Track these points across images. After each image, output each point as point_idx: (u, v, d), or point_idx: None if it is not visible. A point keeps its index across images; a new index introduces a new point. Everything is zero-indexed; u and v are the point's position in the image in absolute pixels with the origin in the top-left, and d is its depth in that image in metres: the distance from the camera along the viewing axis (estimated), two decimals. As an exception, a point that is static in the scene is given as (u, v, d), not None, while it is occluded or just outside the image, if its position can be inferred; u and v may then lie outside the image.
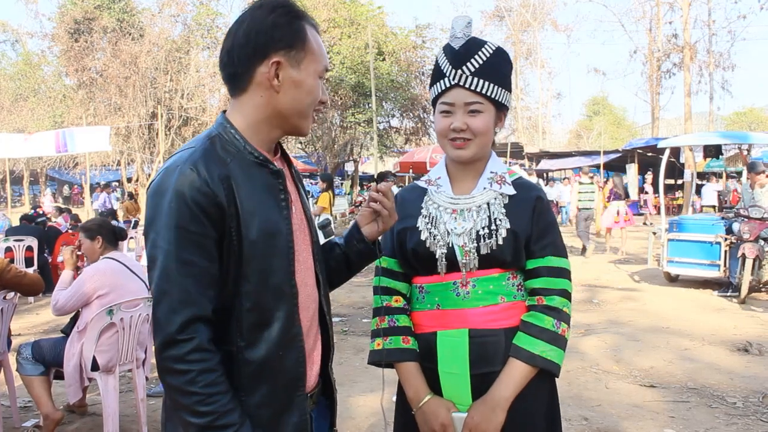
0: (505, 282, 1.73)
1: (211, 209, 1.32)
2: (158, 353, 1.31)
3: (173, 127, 27.66)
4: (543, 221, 1.75)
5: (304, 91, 1.45)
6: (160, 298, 1.30)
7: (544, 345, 1.66)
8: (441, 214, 1.77)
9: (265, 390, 1.39)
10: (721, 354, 5.63)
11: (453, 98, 1.73)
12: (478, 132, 1.72)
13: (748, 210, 8.12)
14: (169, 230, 1.31)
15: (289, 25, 1.43)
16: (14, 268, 4.00)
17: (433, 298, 1.76)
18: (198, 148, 1.39)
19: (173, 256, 1.30)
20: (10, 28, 36.29)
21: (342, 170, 30.87)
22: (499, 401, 1.64)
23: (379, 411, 4.17)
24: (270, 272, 1.39)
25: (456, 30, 1.76)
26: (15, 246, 9.10)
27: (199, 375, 1.27)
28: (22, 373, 3.92)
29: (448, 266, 1.73)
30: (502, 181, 1.77)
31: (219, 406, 1.29)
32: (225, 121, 1.46)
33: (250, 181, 1.39)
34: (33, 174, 36.52)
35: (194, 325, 1.29)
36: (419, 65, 23.80)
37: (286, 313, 1.41)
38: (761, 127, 41.45)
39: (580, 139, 51.93)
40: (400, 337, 1.78)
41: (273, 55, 1.41)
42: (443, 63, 1.76)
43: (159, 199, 1.34)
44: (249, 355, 1.37)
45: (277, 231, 1.41)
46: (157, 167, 27.03)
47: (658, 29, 33.46)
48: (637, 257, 12.16)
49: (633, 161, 24.31)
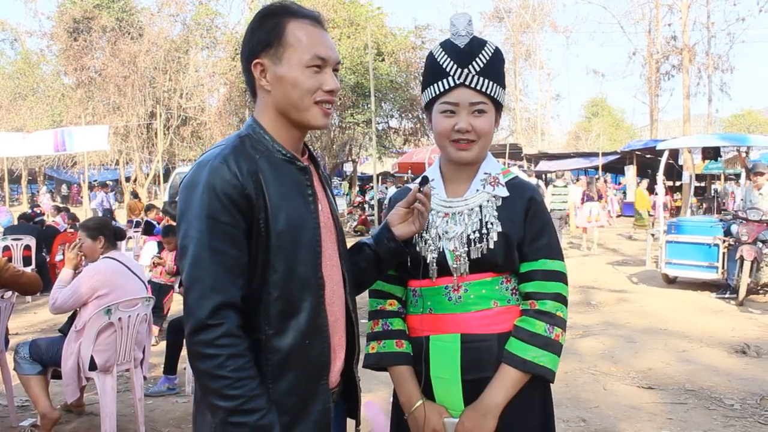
0: (498, 286, 1.71)
1: (240, 201, 1.38)
2: (188, 338, 1.35)
3: (172, 127, 27.66)
4: (536, 223, 1.71)
5: (288, 84, 1.49)
6: (191, 285, 1.36)
7: (536, 350, 1.63)
8: (433, 217, 1.75)
9: (291, 378, 1.44)
10: (718, 356, 5.63)
11: (457, 98, 1.68)
12: (482, 132, 1.69)
13: (747, 212, 8.13)
14: (201, 221, 1.36)
15: (262, 27, 1.50)
16: (12, 267, 3.99)
17: (426, 303, 1.74)
18: (228, 145, 1.47)
19: (205, 245, 1.36)
20: (9, 27, 36.23)
21: (341, 170, 30.87)
22: (490, 407, 1.62)
23: (383, 411, 4.17)
24: (297, 263, 1.44)
25: (459, 28, 1.71)
26: (13, 245, 9.09)
27: (228, 359, 1.32)
28: (20, 373, 3.91)
29: (440, 270, 1.71)
30: (495, 183, 1.73)
31: (247, 390, 1.33)
32: (254, 123, 1.54)
33: (277, 177, 1.46)
34: (31, 173, 36.47)
35: (224, 311, 1.34)
36: (418, 66, 23.75)
37: (312, 304, 1.47)
38: (760, 130, 41.47)
39: (578, 141, 51.94)
40: (393, 340, 1.77)
41: (256, 58, 1.50)
42: (445, 61, 1.70)
43: (191, 191, 1.40)
44: (276, 343, 1.42)
45: (303, 224, 1.47)
46: (156, 167, 27.06)
47: (657, 31, 33.51)
48: (635, 259, 12.18)
49: (632, 163, 24.34)
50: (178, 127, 27.96)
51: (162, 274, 6.47)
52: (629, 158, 24.75)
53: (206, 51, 27.90)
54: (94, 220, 4.48)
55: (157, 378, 4.96)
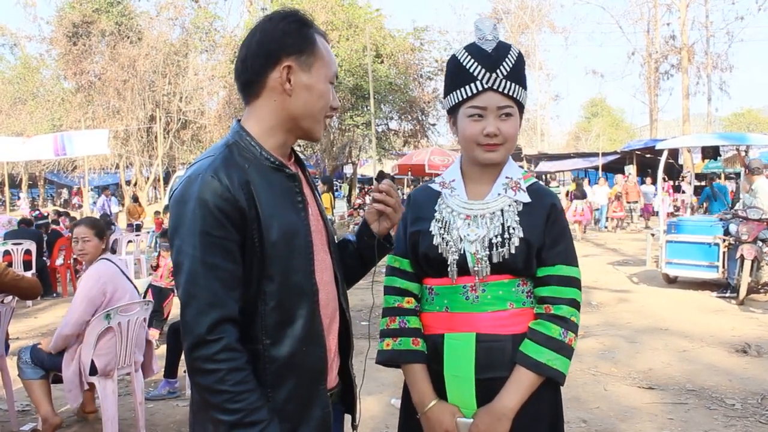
0: (515, 288, 1.72)
1: (233, 214, 1.38)
2: (188, 354, 1.36)
3: (172, 130, 27.70)
4: (556, 229, 1.73)
5: (315, 95, 1.51)
6: (188, 301, 1.36)
7: (550, 353, 1.65)
8: (454, 219, 1.75)
9: (290, 385, 1.45)
10: (719, 355, 5.63)
11: (485, 102, 1.69)
12: (510, 136, 1.71)
13: (747, 211, 8.13)
14: (194, 236, 1.36)
15: (298, 32, 1.50)
16: (12, 271, 4.00)
17: (442, 301, 1.75)
18: (217, 156, 1.45)
19: (199, 261, 1.35)
20: (9, 32, 36.24)
21: (340, 173, 30.86)
22: (505, 411, 1.64)
23: (379, 414, 4.17)
24: (291, 272, 1.45)
25: (485, 32, 1.73)
26: (13, 249, 9.09)
27: (228, 374, 1.33)
28: (23, 378, 3.90)
29: (459, 271, 1.72)
30: (517, 188, 1.75)
31: (248, 403, 1.34)
32: (240, 129, 1.52)
33: (268, 186, 1.46)
34: (31, 177, 36.49)
35: (222, 326, 1.34)
36: (417, 67, 23.81)
37: (307, 311, 1.48)
38: (759, 128, 41.47)
39: (578, 141, 51.96)
40: (410, 338, 1.77)
41: (284, 60, 1.48)
42: (472, 65, 1.71)
43: (182, 206, 1.40)
44: (274, 352, 1.43)
45: (295, 232, 1.48)
46: (156, 170, 27.08)
47: (656, 31, 33.57)
48: (635, 259, 12.18)
49: (631, 163, 24.36)
50: (178, 130, 27.99)
51: (162, 277, 6.47)
52: (629, 158, 24.77)
53: (205, 54, 27.97)
54: (96, 220, 4.42)
55: (158, 382, 4.96)
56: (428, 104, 23.64)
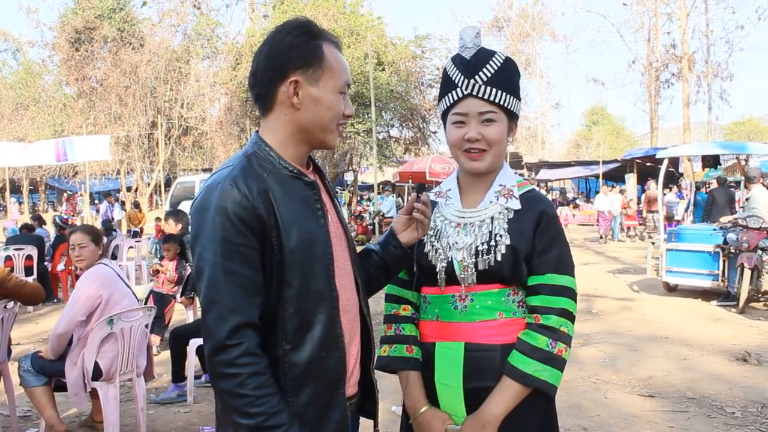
0: (505, 298, 1.72)
1: (252, 222, 1.40)
2: (209, 359, 1.38)
3: (173, 137, 27.77)
4: (546, 236, 1.70)
5: (323, 107, 1.52)
6: (209, 307, 1.38)
7: (536, 364, 1.63)
8: (446, 227, 1.77)
9: (310, 390, 1.47)
10: (719, 364, 5.63)
11: (466, 108, 1.71)
12: (493, 141, 1.71)
13: (747, 220, 8.14)
14: (214, 243, 1.39)
15: (305, 45, 1.51)
16: (15, 277, 4.02)
17: (434, 310, 1.78)
18: (236, 165, 1.47)
19: (219, 267, 1.38)
20: (11, 37, 36.43)
21: (341, 180, 30.90)
22: (489, 419, 1.64)
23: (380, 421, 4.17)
24: (311, 278, 1.47)
25: (466, 40, 1.75)
26: (15, 255, 9.11)
27: (248, 378, 1.35)
28: (25, 386, 3.89)
29: (447, 280, 1.73)
30: (509, 195, 1.74)
31: (268, 407, 1.36)
32: (259, 140, 1.55)
33: (287, 194, 1.48)
34: (33, 183, 36.52)
35: (242, 331, 1.36)
36: (418, 75, 23.90)
37: (327, 316, 1.49)
38: (759, 137, 41.48)
39: (579, 149, 52.01)
40: (404, 345, 1.80)
41: (291, 75, 1.49)
42: (454, 73, 1.74)
43: (203, 215, 1.43)
44: (294, 357, 1.45)
45: (315, 239, 1.49)
46: (157, 176, 27.11)
47: (657, 39, 33.65)
48: (635, 267, 12.18)
49: (632, 171, 24.37)
50: (180, 136, 28.06)
51: (164, 283, 6.48)
52: (629, 166, 24.79)
53: (207, 61, 28.06)
54: (92, 227, 4.45)
55: (161, 387, 4.97)
56: (429, 112, 23.71)
